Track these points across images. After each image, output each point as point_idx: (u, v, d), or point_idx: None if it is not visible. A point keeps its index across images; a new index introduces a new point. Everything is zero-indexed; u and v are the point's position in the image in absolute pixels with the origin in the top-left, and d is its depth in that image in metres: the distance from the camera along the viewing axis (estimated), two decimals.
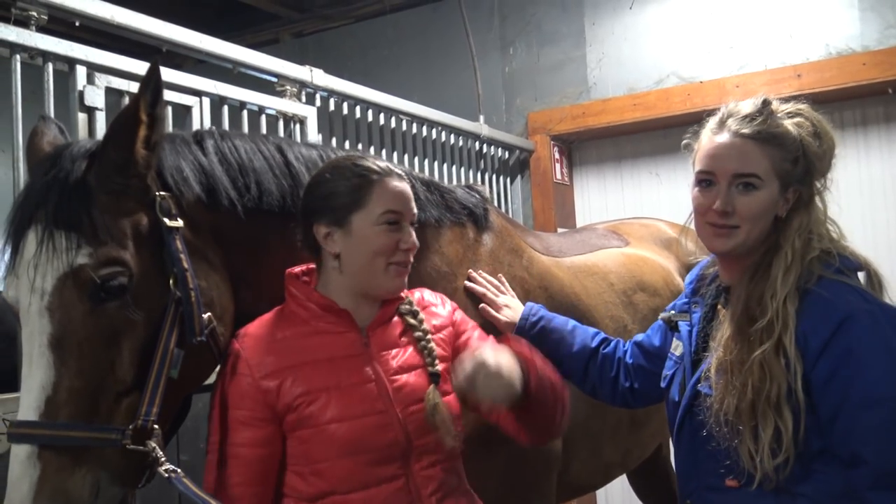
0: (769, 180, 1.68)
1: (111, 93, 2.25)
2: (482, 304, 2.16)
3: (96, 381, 1.47)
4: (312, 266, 1.78)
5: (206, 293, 1.62)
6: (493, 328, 2.12)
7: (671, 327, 1.95)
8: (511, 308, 2.18)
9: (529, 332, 2.13)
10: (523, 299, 2.28)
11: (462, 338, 1.84)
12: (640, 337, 2.12)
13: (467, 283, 2.18)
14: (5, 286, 1.56)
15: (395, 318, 1.77)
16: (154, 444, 1.48)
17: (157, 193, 1.60)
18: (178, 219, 1.61)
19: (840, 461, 1.56)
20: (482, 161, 4.57)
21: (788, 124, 1.70)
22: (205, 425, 1.72)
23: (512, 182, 4.96)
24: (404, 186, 1.73)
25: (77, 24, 2.29)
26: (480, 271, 2.22)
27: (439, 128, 4.08)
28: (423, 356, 1.72)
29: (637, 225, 3.34)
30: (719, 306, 1.81)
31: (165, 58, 3.00)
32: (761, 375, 1.58)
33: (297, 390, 1.61)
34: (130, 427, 1.47)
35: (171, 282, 1.56)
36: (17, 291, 1.50)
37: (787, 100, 1.77)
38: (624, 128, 4.85)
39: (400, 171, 1.77)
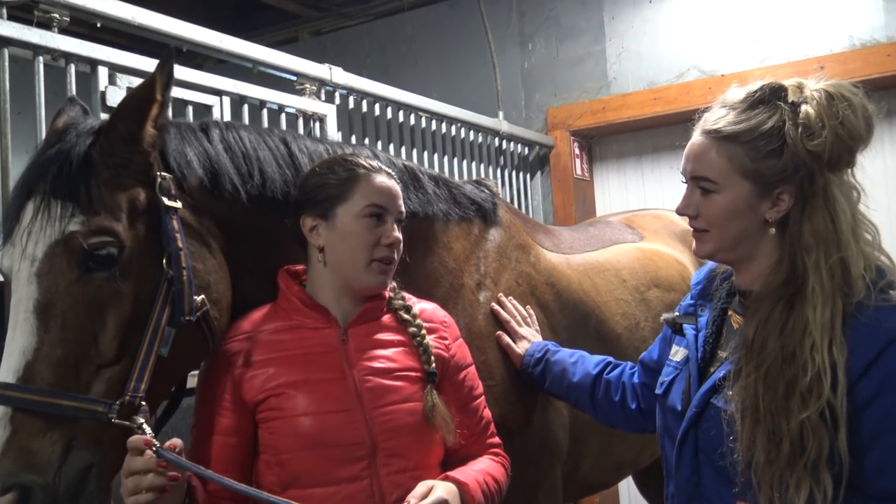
0: (729, 182, 1.52)
1: None
2: (499, 332, 2.15)
3: (79, 351, 1.47)
4: None
5: (201, 276, 1.63)
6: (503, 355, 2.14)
7: (675, 330, 1.79)
8: (529, 342, 2.14)
9: (534, 369, 2.10)
10: (529, 296, 2.27)
11: (448, 371, 1.79)
12: (644, 354, 1.99)
13: (494, 306, 2.17)
14: (2, 256, 1.56)
15: (386, 317, 1.76)
16: (142, 420, 1.47)
17: (158, 173, 1.61)
18: (178, 200, 1.62)
19: (865, 495, 1.40)
20: (502, 157, 4.56)
21: (762, 115, 1.50)
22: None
23: (532, 178, 4.94)
24: (391, 183, 1.75)
25: (98, 25, 2.31)
26: (511, 298, 2.20)
27: (458, 124, 4.07)
28: (419, 353, 1.72)
29: (650, 217, 3.29)
30: (731, 311, 1.67)
31: (186, 58, 3.03)
32: (801, 436, 1.38)
33: (268, 383, 1.64)
34: (118, 402, 1.46)
35: (164, 260, 1.56)
36: (11, 259, 1.52)
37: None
38: (644, 122, 4.81)
39: (390, 170, 1.78)
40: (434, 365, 1.72)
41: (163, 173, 1.62)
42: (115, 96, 2.20)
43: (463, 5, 5.22)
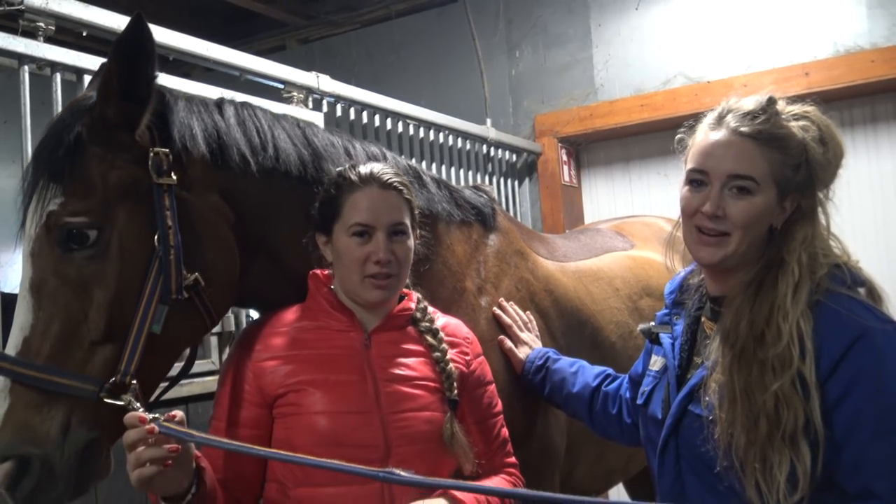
0: (766, 186, 1.54)
1: None
2: (501, 337, 2.15)
3: (70, 328, 1.49)
4: None
5: (196, 253, 1.61)
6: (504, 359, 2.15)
7: (652, 340, 1.81)
8: (530, 348, 2.15)
9: (534, 376, 2.11)
10: (529, 302, 2.28)
11: (467, 386, 1.79)
12: (631, 370, 1.99)
13: (496, 311, 2.17)
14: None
15: (411, 328, 1.77)
16: (130, 398, 1.47)
17: (151, 149, 1.59)
18: (172, 175, 1.59)
19: (843, 493, 1.41)
20: (490, 164, 4.57)
21: (794, 127, 1.55)
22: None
23: (520, 185, 4.95)
24: (382, 195, 1.70)
25: (84, 34, 2.30)
26: (512, 303, 2.21)
27: (446, 131, 4.08)
28: (441, 378, 1.72)
29: (639, 224, 3.30)
30: (704, 318, 1.69)
31: (173, 67, 3.02)
32: (776, 408, 1.42)
33: (288, 379, 1.65)
34: (110, 381, 1.48)
35: (155, 237, 1.56)
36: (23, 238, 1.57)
37: (794, 100, 1.61)
38: (631, 129, 4.84)
39: (388, 179, 1.72)
40: (456, 392, 1.72)
41: (156, 149, 1.59)
42: None
43: (450, 13, 5.24)
